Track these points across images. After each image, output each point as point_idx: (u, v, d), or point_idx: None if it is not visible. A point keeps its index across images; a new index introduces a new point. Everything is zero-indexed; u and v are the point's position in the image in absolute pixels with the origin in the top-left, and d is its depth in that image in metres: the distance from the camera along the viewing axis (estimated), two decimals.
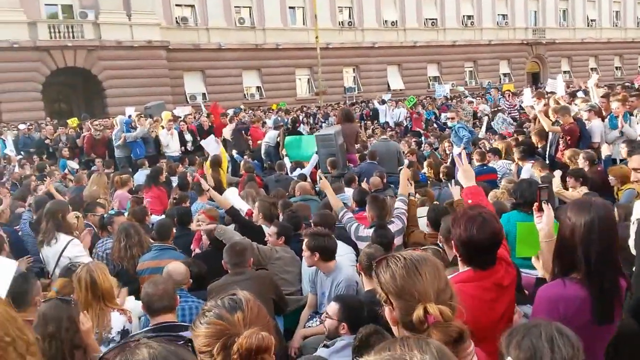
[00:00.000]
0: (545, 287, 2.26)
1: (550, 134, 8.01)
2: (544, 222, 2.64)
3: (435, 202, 6.17)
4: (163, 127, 12.69)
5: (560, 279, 2.17)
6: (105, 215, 5.44)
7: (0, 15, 21.51)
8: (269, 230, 4.78)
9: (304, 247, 3.83)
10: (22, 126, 16.84)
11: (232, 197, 5.88)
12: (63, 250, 4.50)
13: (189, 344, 1.17)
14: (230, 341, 1.44)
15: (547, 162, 7.67)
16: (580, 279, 2.13)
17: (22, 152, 14.05)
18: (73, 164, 11.22)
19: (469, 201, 2.91)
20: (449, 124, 9.84)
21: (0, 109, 22.42)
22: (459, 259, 2.34)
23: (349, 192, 6.68)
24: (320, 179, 5.86)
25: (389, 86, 32.54)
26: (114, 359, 1.15)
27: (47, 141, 14.38)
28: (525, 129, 10.81)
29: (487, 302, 2.22)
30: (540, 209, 2.66)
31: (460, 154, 3.23)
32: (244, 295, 1.58)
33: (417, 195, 6.19)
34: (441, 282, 1.61)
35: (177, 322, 2.93)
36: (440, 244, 3.92)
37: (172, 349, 1.13)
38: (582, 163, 6.42)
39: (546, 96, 10.90)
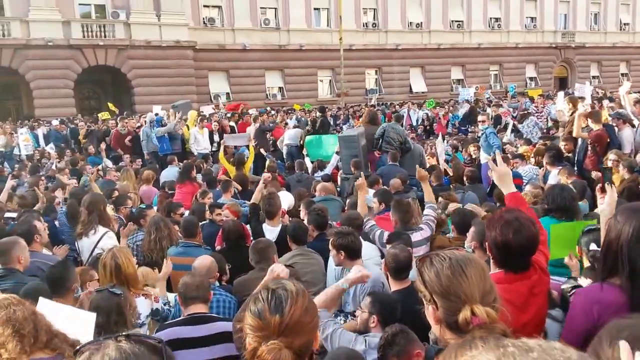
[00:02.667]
0: (582, 290, 2.26)
1: (579, 140, 7.93)
2: (606, 202, 2.61)
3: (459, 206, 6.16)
4: (188, 128, 12.87)
5: (599, 283, 2.13)
6: (134, 209, 5.59)
7: (37, 14, 22.19)
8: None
9: (330, 245, 3.89)
10: (55, 122, 17.25)
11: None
12: (98, 242, 4.64)
13: (160, 344, 1.18)
14: (263, 341, 1.46)
15: (575, 168, 7.60)
16: (621, 284, 2.07)
17: (53, 147, 14.42)
18: (108, 162, 11.51)
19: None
20: (480, 127, 9.81)
21: (33, 105, 23.08)
22: (491, 261, 2.34)
23: (372, 193, 6.71)
24: (346, 179, 5.93)
25: (411, 88, 32.42)
26: (83, 353, 1.18)
27: (80, 137, 14.76)
28: (553, 135, 10.69)
29: (517, 306, 2.19)
30: (603, 190, 2.63)
31: (495, 157, 3.06)
32: (293, 295, 1.53)
33: (440, 198, 6.21)
34: (486, 284, 1.61)
35: (208, 314, 3.03)
36: (470, 248, 3.92)
37: (139, 350, 1.14)
38: (621, 170, 6.33)
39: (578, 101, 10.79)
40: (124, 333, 1.21)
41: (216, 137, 13.05)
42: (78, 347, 1.23)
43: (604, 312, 2.04)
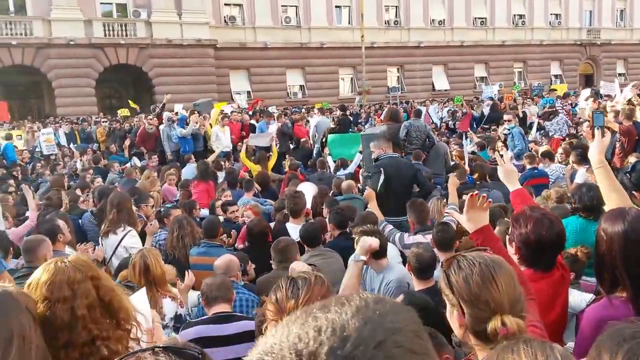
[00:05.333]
0: (593, 308, 2.14)
1: (607, 137, 7.72)
2: (592, 147, 2.57)
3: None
4: (211, 126, 12.89)
5: (607, 298, 2.05)
6: (162, 209, 5.62)
7: (59, 13, 22.55)
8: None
9: (355, 244, 3.80)
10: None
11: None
12: (121, 240, 4.66)
13: (199, 355, 1.11)
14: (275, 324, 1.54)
15: None
16: (626, 298, 1.98)
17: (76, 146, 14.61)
18: (137, 161, 11.58)
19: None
20: (506, 126, 9.62)
21: (55, 104, 23.46)
22: (517, 259, 2.29)
23: None
24: (369, 177, 5.87)
25: (433, 86, 32.12)
26: None
27: (99, 137, 14.93)
28: (579, 134, 10.43)
29: (544, 305, 2.15)
30: (593, 136, 2.60)
31: (502, 154, 3.13)
32: (310, 283, 1.61)
33: (464, 197, 6.07)
34: (516, 292, 1.57)
35: (232, 312, 3.00)
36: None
37: None
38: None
39: (603, 99, 10.54)
40: (162, 345, 1.15)
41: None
42: (119, 358, 1.18)
43: None
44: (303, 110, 20.38)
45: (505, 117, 9.82)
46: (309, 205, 5.84)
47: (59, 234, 4.18)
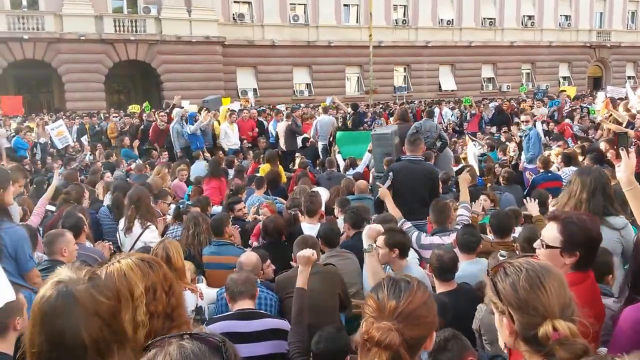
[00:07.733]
0: (632, 309, 2.16)
1: (632, 157, 7.68)
2: (622, 169, 2.56)
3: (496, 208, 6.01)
4: (219, 123, 12.89)
5: None
6: (180, 206, 5.64)
7: (70, 8, 22.66)
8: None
9: (380, 244, 3.78)
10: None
11: None
12: (140, 235, 4.67)
13: (222, 344, 1.17)
14: (373, 321, 1.53)
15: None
16: None
17: (86, 139, 14.63)
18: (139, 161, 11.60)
19: None
20: (523, 127, 9.58)
21: (65, 98, 23.56)
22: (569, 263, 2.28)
23: None
24: (379, 177, 5.84)
25: (440, 86, 32.02)
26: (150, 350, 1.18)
27: (109, 132, 14.95)
28: (592, 137, 10.39)
29: (588, 303, 2.16)
30: (618, 156, 2.59)
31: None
32: (412, 287, 1.58)
33: (483, 196, 6.08)
34: (566, 297, 1.56)
35: (255, 310, 3.00)
36: (517, 252, 3.78)
37: (199, 349, 1.14)
38: None
39: (616, 102, 10.48)
40: (189, 332, 1.21)
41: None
42: (149, 342, 1.22)
43: None
44: (303, 106, 20.27)
45: (523, 117, 9.75)
46: (322, 208, 5.84)
47: (84, 226, 4.21)
